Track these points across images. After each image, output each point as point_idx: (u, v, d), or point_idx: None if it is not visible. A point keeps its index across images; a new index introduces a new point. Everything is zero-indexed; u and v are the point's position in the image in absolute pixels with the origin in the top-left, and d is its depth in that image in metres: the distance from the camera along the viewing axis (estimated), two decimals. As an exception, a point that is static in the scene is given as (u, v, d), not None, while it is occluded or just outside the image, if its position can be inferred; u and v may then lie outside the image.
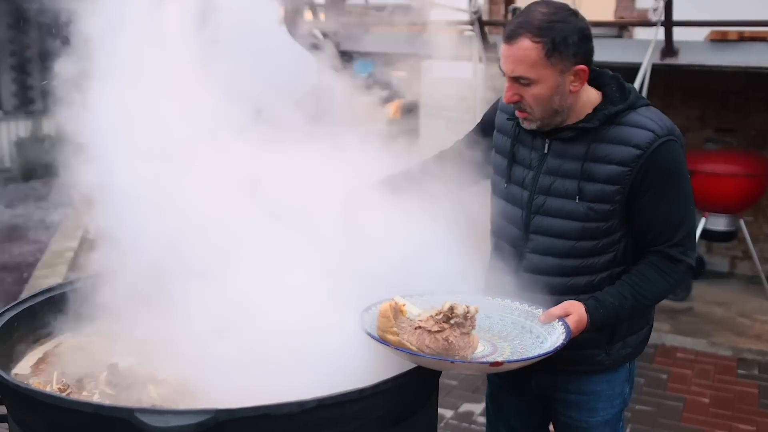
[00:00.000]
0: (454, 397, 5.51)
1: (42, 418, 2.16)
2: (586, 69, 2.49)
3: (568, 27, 2.43)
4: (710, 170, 7.52)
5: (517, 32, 2.43)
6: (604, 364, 2.74)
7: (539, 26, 2.40)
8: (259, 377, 2.29)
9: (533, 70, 2.43)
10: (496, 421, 3.10)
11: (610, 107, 2.54)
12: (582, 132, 2.55)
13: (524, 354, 2.37)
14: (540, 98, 2.48)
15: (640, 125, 2.51)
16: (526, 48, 2.41)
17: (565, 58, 2.43)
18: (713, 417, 5.44)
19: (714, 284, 8.26)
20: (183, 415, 1.96)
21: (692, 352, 6.65)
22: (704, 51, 6.39)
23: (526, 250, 2.70)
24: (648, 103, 2.61)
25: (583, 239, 2.60)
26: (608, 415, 2.83)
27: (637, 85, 5.88)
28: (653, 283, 2.56)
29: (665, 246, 2.56)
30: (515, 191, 2.71)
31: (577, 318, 2.44)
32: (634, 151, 2.48)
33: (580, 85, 2.51)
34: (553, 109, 2.51)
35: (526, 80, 2.46)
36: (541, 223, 2.65)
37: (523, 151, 2.69)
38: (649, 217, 2.54)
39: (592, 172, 2.54)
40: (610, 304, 2.52)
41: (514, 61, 2.45)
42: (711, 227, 7.77)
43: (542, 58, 2.41)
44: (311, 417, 2.07)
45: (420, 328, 2.26)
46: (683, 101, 8.58)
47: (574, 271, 2.64)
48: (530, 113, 2.53)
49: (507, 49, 2.46)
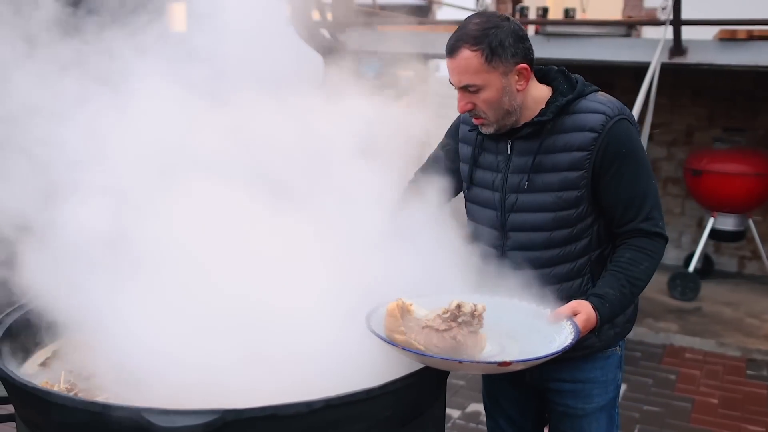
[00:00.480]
0: (462, 397, 5.50)
1: (49, 418, 2.15)
2: (528, 67, 2.62)
3: (502, 31, 2.56)
4: (719, 170, 7.50)
5: (457, 45, 2.58)
6: (594, 347, 2.79)
7: (475, 35, 2.55)
8: (267, 377, 2.28)
9: (477, 76, 2.57)
10: (495, 414, 3.14)
11: (561, 98, 2.66)
12: (539, 126, 2.67)
13: (532, 353, 2.37)
14: (490, 102, 2.61)
15: (592, 110, 2.64)
16: (467, 57, 2.56)
17: (504, 60, 2.56)
18: (722, 418, 5.42)
19: (722, 284, 8.24)
20: (190, 415, 1.95)
21: (701, 352, 6.64)
22: (713, 50, 6.37)
23: (506, 248, 2.78)
24: (597, 89, 2.73)
25: (558, 228, 2.70)
26: (603, 401, 2.87)
27: (645, 84, 5.87)
28: (641, 263, 2.64)
29: (637, 222, 2.65)
30: (486, 194, 2.82)
31: (585, 317, 2.46)
32: (590, 134, 2.60)
33: (526, 83, 2.63)
34: (504, 110, 2.64)
35: (474, 87, 2.59)
36: (516, 220, 2.74)
37: (489, 157, 2.81)
38: (614, 195, 2.64)
39: (554, 163, 2.65)
40: (613, 296, 2.57)
41: (458, 72, 2.59)
42: (719, 227, 7.75)
43: (483, 64, 2.55)
44: (319, 417, 2.06)
45: (428, 327, 2.26)
46: (692, 100, 8.57)
47: (554, 261, 2.73)
48: (485, 118, 2.66)
49: (450, 63, 2.61)
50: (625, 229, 2.67)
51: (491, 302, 2.59)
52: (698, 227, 8.65)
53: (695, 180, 7.72)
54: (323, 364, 2.31)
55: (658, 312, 7.29)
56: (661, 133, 8.57)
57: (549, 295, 2.66)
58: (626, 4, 9.44)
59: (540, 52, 6.74)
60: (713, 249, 8.72)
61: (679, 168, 8.56)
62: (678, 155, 8.71)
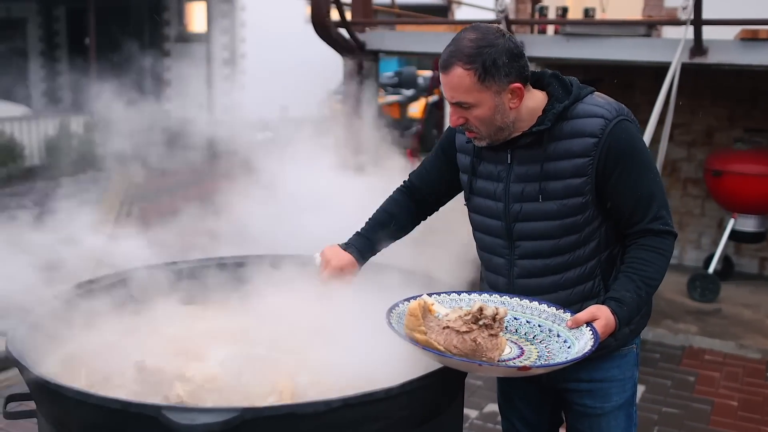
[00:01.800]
0: (479, 397, 5.49)
1: (70, 414, 2.17)
2: (521, 86, 2.57)
3: (496, 50, 2.51)
4: (739, 170, 7.45)
5: (450, 62, 2.55)
6: (611, 347, 2.77)
7: (468, 54, 2.51)
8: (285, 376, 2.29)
9: (470, 95, 2.54)
10: (510, 414, 3.12)
11: (557, 105, 2.63)
12: (538, 135, 2.63)
13: (551, 358, 2.37)
14: (482, 119, 2.58)
15: (590, 114, 2.60)
16: (460, 75, 2.52)
17: (498, 79, 2.52)
18: (742, 420, 5.38)
19: (743, 286, 8.19)
20: (209, 413, 1.96)
21: (720, 354, 6.59)
22: (734, 50, 6.33)
23: (515, 257, 2.76)
24: (593, 90, 2.70)
25: (565, 235, 2.67)
26: (622, 399, 2.86)
27: (666, 84, 5.84)
28: (654, 263, 2.62)
29: (646, 222, 2.63)
30: (488, 204, 2.79)
31: (604, 322, 2.46)
32: (590, 140, 2.57)
33: (519, 101, 2.59)
34: (496, 126, 2.61)
35: (466, 105, 2.57)
36: (522, 229, 2.72)
37: (489, 166, 2.78)
38: (620, 197, 2.62)
39: (556, 170, 2.62)
40: (630, 298, 2.56)
41: (451, 88, 2.57)
42: (740, 228, 7.69)
43: (476, 83, 2.52)
44: (337, 416, 2.07)
45: (448, 328, 2.26)
46: (712, 101, 8.52)
47: (564, 266, 2.70)
48: (478, 132, 2.64)
49: (443, 78, 2.59)
50: (635, 229, 2.65)
51: (511, 303, 2.60)
52: (718, 228, 8.60)
53: (715, 181, 7.68)
54: (341, 362, 2.31)
55: (678, 313, 7.25)
56: (681, 133, 8.53)
57: (562, 300, 2.66)
58: (646, 4, 9.38)
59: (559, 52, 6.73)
60: (733, 250, 8.66)
61: (699, 169, 8.51)
62: (698, 156, 8.66)
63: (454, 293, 2.64)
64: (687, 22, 5.90)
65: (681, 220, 8.73)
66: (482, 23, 2.63)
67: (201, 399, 2.31)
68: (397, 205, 3.08)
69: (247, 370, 2.46)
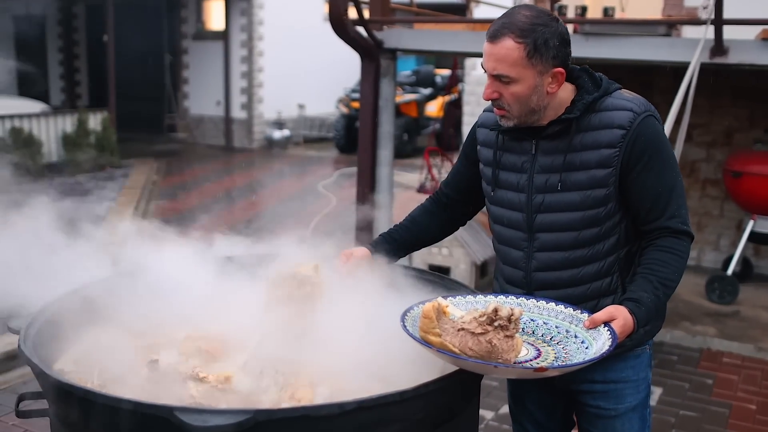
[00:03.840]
0: (495, 398, 5.47)
1: (81, 413, 2.16)
2: (564, 72, 2.59)
3: (550, 30, 2.52)
4: (759, 171, 7.41)
5: (501, 32, 2.53)
6: (625, 347, 2.75)
7: (522, 28, 2.51)
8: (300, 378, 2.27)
9: (514, 69, 2.53)
10: (521, 417, 3.11)
11: (587, 96, 2.64)
12: (566, 124, 2.63)
13: (568, 359, 2.34)
14: (518, 97, 2.57)
15: (619, 107, 2.62)
16: (509, 48, 2.51)
17: (545, 60, 2.53)
18: (760, 424, 5.34)
19: (762, 288, 8.14)
20: (222, 414, 1.95)
21: (739, 357, 6.55)
22: (755, 50, 6.27)
23: (533, 249, 2.75)
24: (620, 87, 2.71)
25: (586, 227, 2.67)
26: (635, 401, 2.85)
27: (684, 84, 5.79)
28: (671, 264, 2.61)
29: (664, 219, 2.63)
30: (510, 196, 2.78)
31: (622, 322, 2.43)
32: (619, 131, 2.58)
33: (557, 87, 2.60)
34: (530, 108, 2.61)
35: (506, 78, 2.55)
36: (543, 221, 2.71)
37: (512, 157, 2.77)
38: (641, 191, 2.62)
39: (582, 161, 2.63)
40: (648, 299, 2.54)
41: (496, 59, 2.54)
42: (759, 230, 7.65)
43: (523, 58, 2.51)
44: (351, 419, 2.05)
45: (463, 330, 2.24)
46: (732, 101, 8.46)
47: (583, 260, 2.70)
48: (508, 111, 2.62)
49: (490, 48, 2.56)
50: (652, 226, 2.65)
51: (527, 304, 2.58)
52: (737, 230, 8.54)
53: (735, 182, 7.63)
54: (356, 364, 2.29)
55: (696, 315, 7.21)
56: (700, 134, 8.47)
57: (578, 295, 2.66)
58: (666, 4, 9.32)
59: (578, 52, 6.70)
60: (752, 252, 8.61)
61: (719, 169, 8.46)
62: (717, 156, 8.61)
63: (470, 295, 2.63)
64: (707, 21, 5.85)
65: (700, 221, 8.68)
66: (535, 6, 2.63)
67: (215, 400, 2.29)
68: (423, 211, 3.12)
69: (262, 371, 2.44)
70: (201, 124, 20.93)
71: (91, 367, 2.50)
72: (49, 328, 2.58)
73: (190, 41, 20.98)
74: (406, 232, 3.06)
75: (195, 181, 15.51)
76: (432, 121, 19.42)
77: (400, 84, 18.99)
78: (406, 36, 7.67)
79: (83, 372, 2.48)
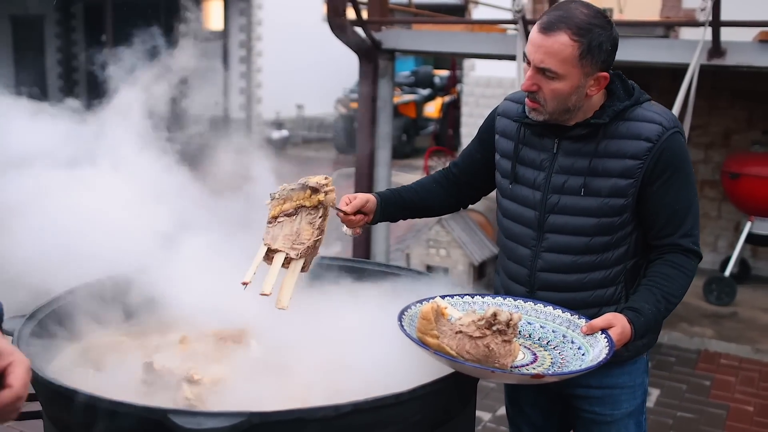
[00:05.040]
0: (493, 400, 5.47)
1: (75, 416, 2.14)
2: (608, 77, 2.55)
3: (605, 34, 2.48)
4: (756, 173, 7.41)
5: (557, 26, 2.45)
6: (623, 357, 2.74)
7: (580, 25, 2.44)
8: (295, 380, 2.27)
9: (562, 66, 2.47)
10: (519, 420, 3.10)
11: (618, 103, 2.60)
12: (593, 129, 2.59)
13: (564, 364, 2.33)
14: (558, 94, 2.51)
15: (648, 119, 2.58)
16: (563, 43, 2.45)
17: (594, 62, 2.48)
18: (757, 426, 5.34)
19: (759, 289, 8.14)
20: (216, 417, 1.94)
21: (736, 358, 6.54)
22: (752, 52, 6.27)
23: (541, 249, 2.72)
24: (650, 98, 2.67)
25: (598, 235, 2.64)
26: (632, 407, 2.84)
27: (684, 86, 5.79)
28: (676, 280, 2.60)
29: (677, 237, 2.61)
30: (525, 192, 2.73)
31: (620, 330, 2.42)
32: (646, 144, 2.55)
33: (597, 91, 2.57)
34: (566, 107, 2.56)
35: (551, 74, 2.49)
36: (556, 222, 2.68)
37: (531, 152, 2.73)
38: (658, 205, 2.60)
39: (605, 168, 2.59)
40: (648, 311, 2.52)
41: (545, 52, 2.47)
42: (757, 231, 7.65)
43: (575, 57, 2.45)
44: (347, 421, 2.04)
45: (461, 333, 2.22)
46: (730, 103, 8.46)
47: (590, 266, 2.67)
48: (542, 105, 2.57)
49: (541, 39, 2.48)
50: (664, 242, 2.63)
51: (525, 307, 2.56)
52: (735, 231, 8.54)
53: (732, 183, 7.62)
54: (352, 366, 2.29)
55: (693, 316, 7.21)
56: (698, 135, 8.47)
57: (581, 301, 2.64)
58: (664, 5, 9.33)
59: (576, 53, 6.56)
60: (750, 253, 8.60)
61: (716, 171, 8.46)
62: (715, 158, 8.61)
63: (468, 296, 2.61)
64: (705, 23, 5.85)
65: (697, 223, 8.67)
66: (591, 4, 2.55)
67: (209, 402, 2.28)
68: (432, 180, 3.06)
69: (258, 373, 2.43)
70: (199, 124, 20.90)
71: (87, 369, 2.50)
72: (43, 330, 2.57)
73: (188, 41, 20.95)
74: (413, 194, 2.98)
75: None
76: (431, 121, 19.42)
77: (399, 84, 18.99)
78: (405, 36, 7.67)
79: (79, 373, 2.47)
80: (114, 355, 2.61)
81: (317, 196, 2.62)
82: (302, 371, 2.34)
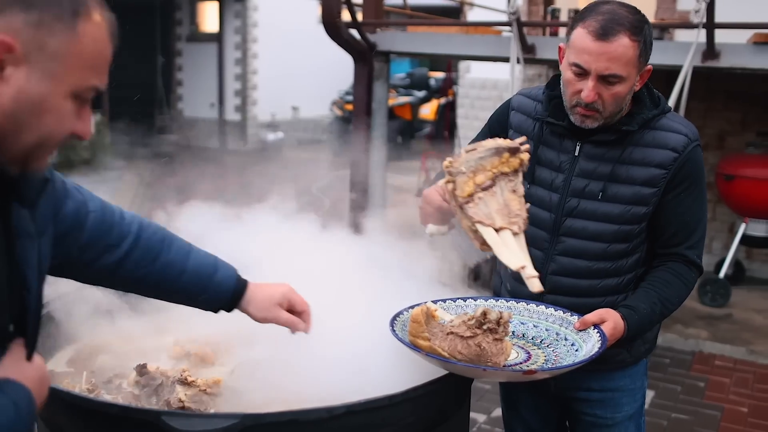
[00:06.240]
0: (487, 401, 5.47)
1: (69, 418, 2.15)
2: (651, 69, 2.54)
3: (650, 29, 2.47)
4: (751, 175, 7.43)
5: (615, 30, 2.39)
6: (625, 362, 2.77)
7: (634, 25, 2.41)
8: (289, 382, 2.26)
9: (626, 68, 2.42)
10: (514, 423, 3.08)
11: (646, 111, 2.58)
12: (620, 135, 2.57)
13: (558, 361, 2.34)
14: (619, 96, 2.47)
15: (675, 130, 2.58)
16: (626, 46, 2.40)
17: (645, 59, 2.48)
18: (752, 427, 5.35)
19: (754, 291, 8.15)
20: (209, 419, 1.95)
21: (731, 360, 6.56)
22: (747, 54, 6.29)
23: (555, 252, 2.69)
24: (671, 109, 2.67)
25: (616, 242, 2.63)
26: (632, 409, 2.85)
27: (677, 87, 5.80)
28: (676, 288, 2.61)
29: (683, 247, 2.63)
30: (541, 193, 2.68)
31: (612, 325, 2.41)
32: (672, 154, 2.55)
33: (641, 85, 2.56)
34: (620, 108, 2.53)
35: (615, 78, 2.43)
36: (573, 226, 2.65)
37: (550, 153, 2.68)
38: (671, 215, 2.61)
39: (629, 175, 2.57)
40: (643, 310, 2.53)
41: (609, 58, 2.40)
42: (751, 233, 7.67)
43: (636, 57, 2.43)
44: (340, 423, 2.04)
45: (452, 334, 2.22)
46: (724, 104, 8.48)
47: (605, 273, 2.66)
48: (600, 112, 2.49)
49: (602, 47, 2.39)
50: (670, 251, 2.64)
51: (517, 307, 2.57)
52: (729, 233, 8.56)
53: (727, 185, 7.64)
54: (345, 369, 2.28)
55: (688, 318, 7.22)
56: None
57: (590, 306, 2.54)
58: (659, 7, 9.32)
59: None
60: (744, 255, 8.62)
61: (711, 173, 8.45)
62: (710, 160, 8.61)
63: (460, 299, 2.61)
64: (699, 25, 5.86)
65: (692, 224, 8.69)
66: (623, 2, 2.51)
67: (203, 404, 2.28)
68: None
69: (252, 375, 2.43)
70: (194, 126, 20.90)
71: (81, 370, 2.49)
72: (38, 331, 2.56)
73: (184, 43, 20.95)
74: None
75: (187, 182, 15.47)
76: (426, 123, 19.43)
77: (395, 86, 19.00)
78: (400, 38, 7.68)
79: (73, 375, 2.47)
80: (107, 357, 2.61)
81: (518, 157, 2.35)
82: (297, 373, 2.33)
